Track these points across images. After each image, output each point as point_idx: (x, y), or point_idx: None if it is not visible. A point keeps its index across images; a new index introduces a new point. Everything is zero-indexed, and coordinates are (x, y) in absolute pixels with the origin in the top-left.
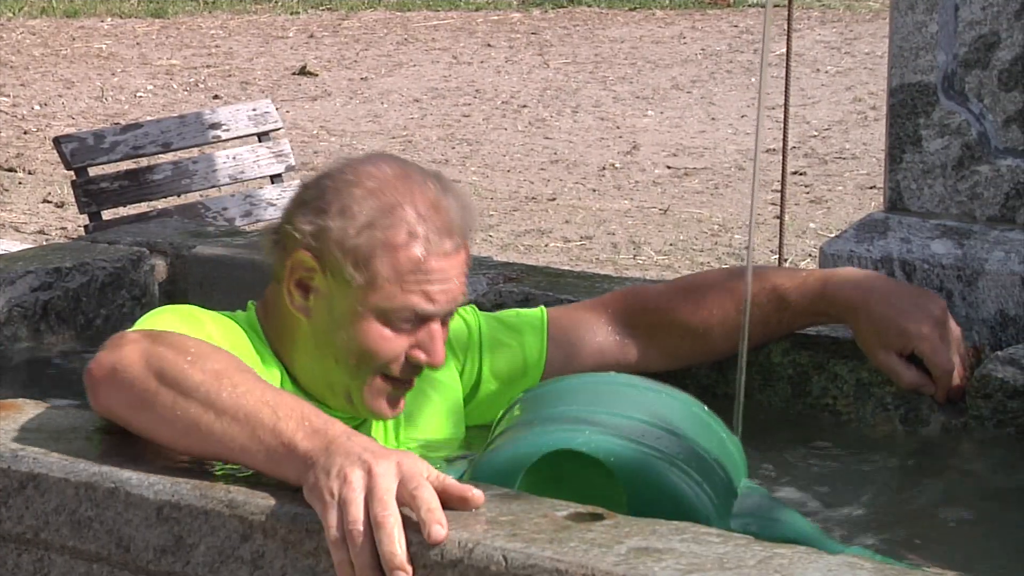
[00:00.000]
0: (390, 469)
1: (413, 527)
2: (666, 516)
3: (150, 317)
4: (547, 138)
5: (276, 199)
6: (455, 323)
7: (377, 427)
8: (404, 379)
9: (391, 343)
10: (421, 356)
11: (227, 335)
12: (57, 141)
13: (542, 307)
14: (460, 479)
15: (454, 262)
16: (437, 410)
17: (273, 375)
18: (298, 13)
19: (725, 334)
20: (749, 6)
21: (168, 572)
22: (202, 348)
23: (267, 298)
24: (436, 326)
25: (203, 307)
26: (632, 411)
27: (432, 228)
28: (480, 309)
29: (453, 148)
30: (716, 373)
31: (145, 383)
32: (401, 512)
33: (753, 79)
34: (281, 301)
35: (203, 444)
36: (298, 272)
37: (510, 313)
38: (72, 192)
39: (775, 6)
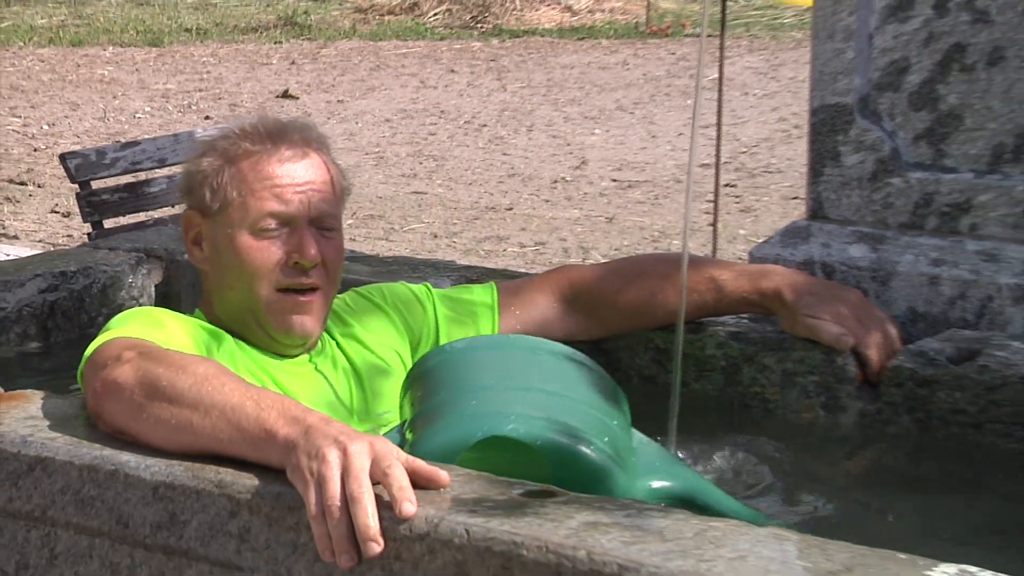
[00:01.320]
0: (364, 449)
1: (385, 504)
2: (583, 485)
3: (121, 322)
4: (505, 154)
5: None
6: (410, 301)
7: (339, 414)
8: (295, 287)
9: (264, 252)
10: (295, 256)
11: (184, 327)
12: (63, 157)
13: (492, 284)
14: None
15: (299, 165)
16: (397, 385)
17: (226, 344)
18: (281, 43)
19: (663, 314)
20: (685, 36)
21: (163, 546)
22: (187, 359)
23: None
24: (305, 229)
25: (194, 305)
26: (544, 383)
27: (263, 139)
28: None
29: (421, 163)
30: (656, 365)
31: (141, 396)
32: (374, 489)
33: (689, 101)
34: (199, 275)
35: (195, 441)
36: (190, 231)
37: (463, 289)
38: (77, 203)
39: (708, 36)
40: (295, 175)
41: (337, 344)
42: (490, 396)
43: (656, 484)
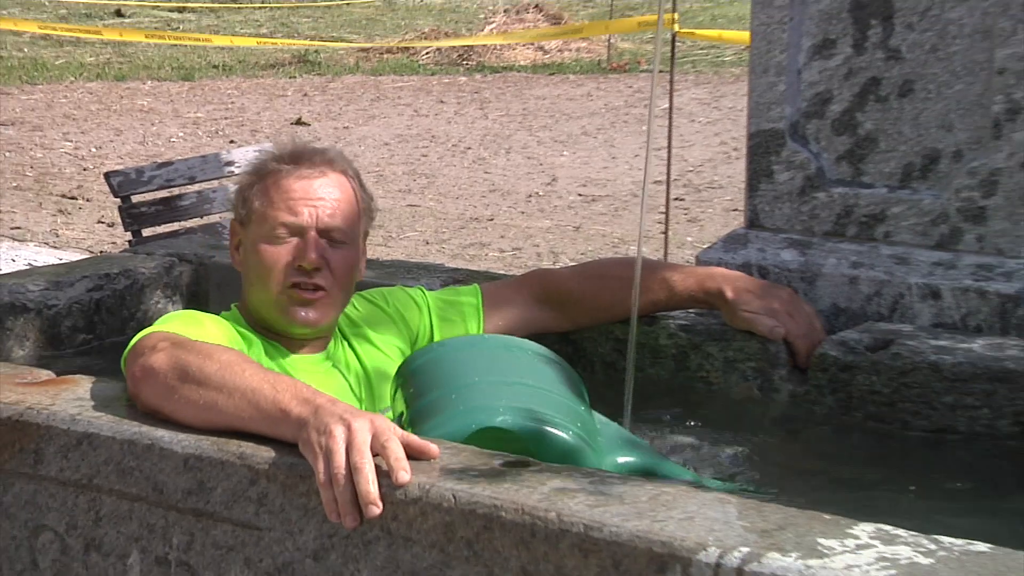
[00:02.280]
0: (365, 426)
1: (383, 473)
2: (561, 462)
3: (164, 321)
4: (486, 173)
5: None
6: (408, 303)
7: (351, 398)
8: (301, 285)
9: (274, 254)
10: (299, 260)
11: (220, 328)
12: (107, 175)
13: (476, 286)
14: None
15: (316, 183)
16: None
17: (255, 344)
18: (295, 77)
19: (622, 310)
20: (640, 72)
21: (193, 509)
22: (213, 348)
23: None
24: (311, 236)
25: (218, 304)
26: (522, 376)
27: (288, 159)
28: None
29: (415, 181)
30: (616, 352)
31: (173, 379)
32: (374, 460)
33: (644, 127)
34: (227, 276)
35: (220, 419)
36: (233, 237)
37: (452, 291)
38: (119, 215)
39: (660, 71)
40: (308, 191)
41: (348, 343)
42: (479, 391)
43: (621, 459)
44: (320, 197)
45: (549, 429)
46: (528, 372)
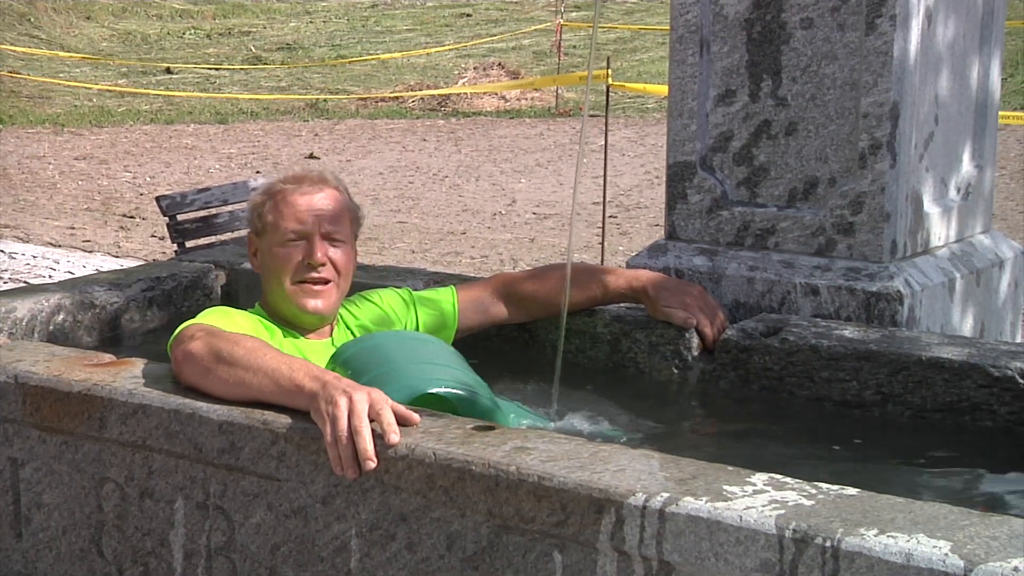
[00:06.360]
0: (363, 397)
1: (377, 435)
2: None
3: (202, 316)
4: (460, 196)
5: None
6: (398, 301)
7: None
8: (307, 280)
9: (286, 256)
10: (307, 258)
11: (247, 320)
12: (158, 199)
13: (452, 286)
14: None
15: (315, 197)
16: None
17: (275, 333)
18: (308, 120)
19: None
20: (582, 116)
21: (226, 464)
22: (241, 336)
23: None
24: (315, 240)
25: (247, 302)
26: (440, 360)
27: (292, 181)
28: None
29: (403, 203)
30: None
31: (209, 361)
32: (370, 425)
33: (585, 160)
34: (258, 279)
35: (247, 393)
36: (250, 247)
37: (432, 292)
38: (167, 231)
39: (597, 116)
40: (311, 203)
41: (351, 331)
42: (413, 368)
43: (514, 417)
44: (320, 208)
45: (470, 394)
46: (440, 357)
